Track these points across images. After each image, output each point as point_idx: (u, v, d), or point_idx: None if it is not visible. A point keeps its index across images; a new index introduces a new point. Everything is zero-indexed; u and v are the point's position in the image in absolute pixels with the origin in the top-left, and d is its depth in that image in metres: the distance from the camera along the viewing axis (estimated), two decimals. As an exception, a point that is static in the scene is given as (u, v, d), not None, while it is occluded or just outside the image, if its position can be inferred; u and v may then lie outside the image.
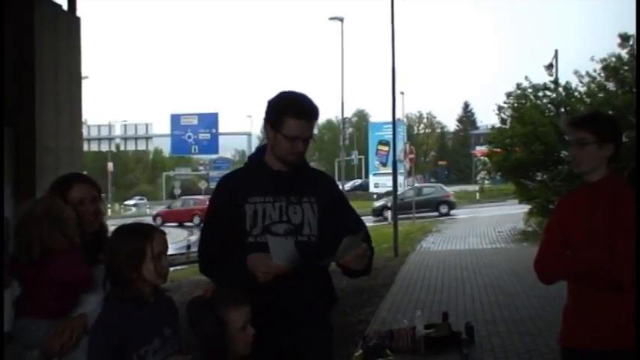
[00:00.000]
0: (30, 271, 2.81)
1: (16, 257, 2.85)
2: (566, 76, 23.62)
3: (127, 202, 45.69)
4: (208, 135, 47.75)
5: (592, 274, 2.79)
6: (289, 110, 2.91)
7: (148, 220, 33.40)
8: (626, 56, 19.82)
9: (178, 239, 26.24)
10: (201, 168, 70.01)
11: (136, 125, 50.16)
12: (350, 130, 72.24)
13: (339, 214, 3.02)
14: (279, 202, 2.94)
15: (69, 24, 9.17)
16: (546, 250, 3.02)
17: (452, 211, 33.37)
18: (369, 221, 27.00)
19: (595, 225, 2.84)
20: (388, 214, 28.79)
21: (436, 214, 32.60)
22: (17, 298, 2.84)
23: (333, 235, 2.86)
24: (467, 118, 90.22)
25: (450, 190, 37.69)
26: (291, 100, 2.96)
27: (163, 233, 2.60)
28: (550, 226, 3.15)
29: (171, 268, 16.70)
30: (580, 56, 23.62)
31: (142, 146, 52.00)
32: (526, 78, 22.06)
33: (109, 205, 48.93)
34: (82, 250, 2.88)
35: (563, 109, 21.42)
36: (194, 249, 19.11)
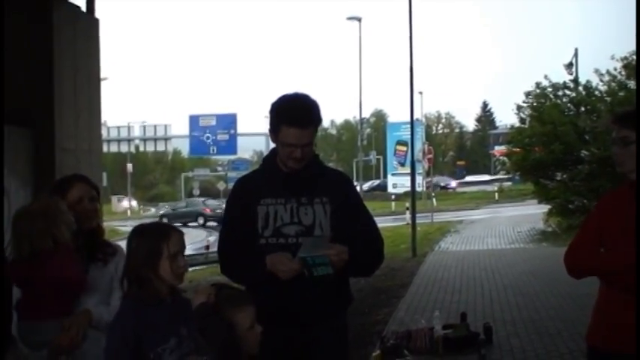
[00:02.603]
0: (21, 271, 2.87)
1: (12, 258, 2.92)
2: (586, 74, 23.39)
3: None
4: (227, 136, 47.96)
5: (616, 276, 2.73)
6: (284, 118, 2.90)
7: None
8: (648, 54, 19.61)
9: (197, 239, 26.34)
10: (219, 169, 70.20)
11: (155, 126, 50.51)
12: (368, 130, 72.19)
13: (351, 214, 3.02)
14: (290, 203, 2.95)
15: (88, 25, 9.24)
16: (579, 244, 2.93)
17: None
18: (387, 222, 27.00)
19: (631, 225, 2.73)
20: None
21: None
22: (17, 301, 2.90)
23: (345, 235, 2.88)
24: (486, 117, 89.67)
25: (468, 190, 37.69)
26: (287, 107, 2.93)
27: (181, 233, 2.61)
28: (587, 221, 3.05)
29: (190, 269, 16.84)
30: (600, 55, 23.42)
31: (161, 147, 52.37)
32: (546, 77, 21.98)
33: (127, 206, 49.16)
34: (73, 250, 2.94)
35: (583, 108, 21.29)
36: (213, 249, 19.22)
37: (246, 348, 2.44)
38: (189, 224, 38.49)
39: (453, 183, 60.26)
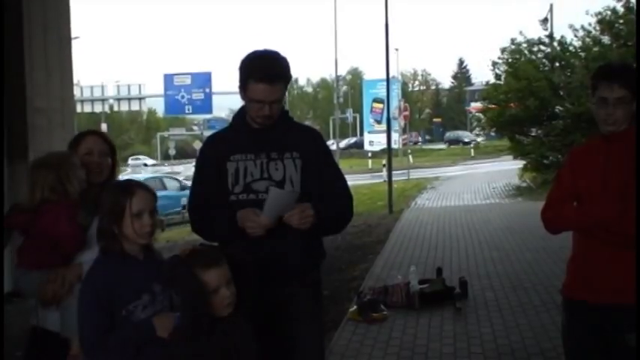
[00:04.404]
0: (22, 220, 2.88)
1: (15, 206, 2.96)
2: (561, 30, 23.49)
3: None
4: (202, 95, 47.45)
5: (603, 229, 2.71)
6: (252, 74, 2.87)
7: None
8: (622, 9, 19.66)
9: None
10: (195, 128, 69.65)
11: (129, 86, 49.79)
12: (344, 88, 71.85)
13: (320, 168, 3.01)
14: (260, 158, 2.94)
15: (57, -18, 9.00)
16: (556, 199, 2.92)
17: None
18: (364, 179, 27.08)
19: (611, 176, 2.73)
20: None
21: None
22: (19, 247, 2.92)
23: (316, 190, 2.88)
24: (462, 74, 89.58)
25: (444, 147, 37.57)
26: (256, 63, 2.90)
27: (149, 191, 2.58)
28: (561, 175, 3.01)
29: (167, 228, 16.78)
30: (575, 10, 23.44)
31: (135, 107, 51.70)
32: (521, 33, 21.96)
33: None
34: (75, 206, 2.92)
35: (557, 64, 21.34)
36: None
37: (212, 310, 2.40)
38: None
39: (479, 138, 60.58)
